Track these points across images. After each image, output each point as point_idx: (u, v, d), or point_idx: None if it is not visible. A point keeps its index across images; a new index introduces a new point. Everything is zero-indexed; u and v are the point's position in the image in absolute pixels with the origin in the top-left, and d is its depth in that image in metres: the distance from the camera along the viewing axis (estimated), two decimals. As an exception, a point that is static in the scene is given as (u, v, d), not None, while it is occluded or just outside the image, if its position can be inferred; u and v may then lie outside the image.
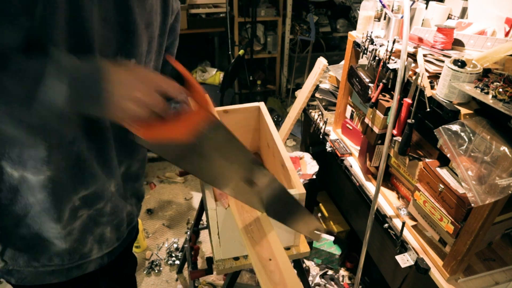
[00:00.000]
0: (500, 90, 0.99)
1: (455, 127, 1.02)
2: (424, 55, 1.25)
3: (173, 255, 2.16)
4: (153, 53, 0.82)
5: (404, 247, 1.33)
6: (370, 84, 1.45)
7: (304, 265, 2.05)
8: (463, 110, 1.07)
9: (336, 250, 2.02)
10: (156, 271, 2.08)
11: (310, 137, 2.09)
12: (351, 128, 1.76)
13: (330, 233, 2.06)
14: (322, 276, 2.03)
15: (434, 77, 1.21)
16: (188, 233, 2.14)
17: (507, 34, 1.24)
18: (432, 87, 1.19)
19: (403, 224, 1.31)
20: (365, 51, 1.45)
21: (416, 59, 1.25)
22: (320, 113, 2.01)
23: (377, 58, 1.39)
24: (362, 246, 1.44)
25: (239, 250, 1.11)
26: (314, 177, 1.86)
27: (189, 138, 0.63)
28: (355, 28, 1.60)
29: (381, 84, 1.36)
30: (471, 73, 1.05)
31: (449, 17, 1.49)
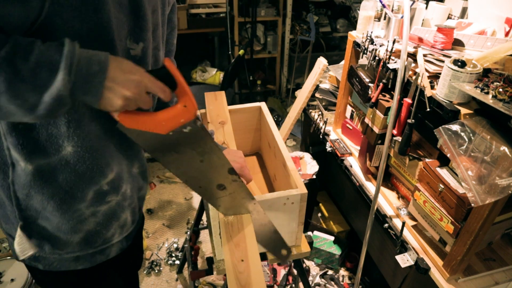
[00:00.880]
0: (500, 90, 0.99)
1: (455, 127, 1.02)
2: (424, 55, 1.25)
3: (173, 255, 2.16)
4: (159, 42, 0.83)
5: (404, 247, 1.33)
6: (370, 84, 1.45)
7: (304, 265, 2.06)
8: (463, 110, 1.07)
9: (336, 250, 2.02)
10: (156, 271, 2.08)
11: (310, 137, 2.09)
12: (351, 128, 1.76)
13: (331, 233, 2.06)
14: (322, 276, 2.03)
15: (434, 77, 1.21)
16: (188, 233, 2.14)
17: (507, 34, 1.24)
18: (432, 87, 1.19)
19: (403, 224, 1.31)
20: (365, 51, 1.45)
21: (416, 59, 1.26)
22: (320, 113, 2.01)
23: (377, 58, 1.39)
24: (362, 246, 1.44)
25: (240, 250, 1.11)
26: (314, 177, 1.86)
27: (167, 132, 0.66)
28: (355, 28, 1.60)
29: (381, 84, 1.36)
30: (471, 73, 1.05)
31: (449, 17, 1.49)
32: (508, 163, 0.93)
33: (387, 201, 1.49)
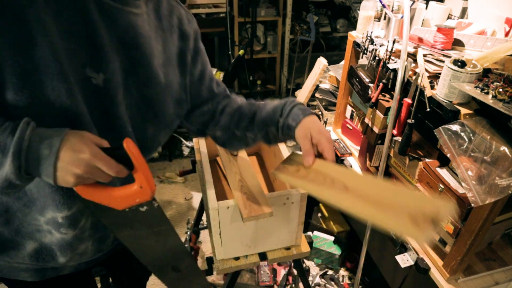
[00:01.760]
0: (500, 90, 0.99)
1: (455, 127, 1.02)
2: (424, 55, 1.25)
3: (173, 255, 2.16)
4: (150, 80, 0.78)
5: (404, 247, 1.33)
6: (370, 84, 1.45)
7: (304, 265, 2.06)
8: (463, 110, 1.07)
9: (336, 250, 2.02)
10: (156, 271, 2.08)
11: (310, 137, 2.08)
12: (351, 128, 1.77)
13: (331, 233, 2.06)
14: (322, 276, 2.03)
15: (434, 77, 1.21)
16: (188, 233, 2.14)
17: (507, 34, 1.24)
18: (432, 87, 1.19)
19: (403, 224, 1.31)
20: (365, 51, 1.45)
21: (416, 59, 1.26)
22: (320, 113, 2.01)
23: (377, 58, 1.39)
24: (362, 246, 1.44)
25: (240, 250, 1.11)
26: (314, 177, 1.85)
27: (123, 209, 0.66)
28: (355, 28, 1.60)
29: (381, 84, 1.36)
30: (471, 73, 1.05)
31: (449, 17, 1.49)
32: (508, 163, 0.93)
33: (387, 201, 1.49)
